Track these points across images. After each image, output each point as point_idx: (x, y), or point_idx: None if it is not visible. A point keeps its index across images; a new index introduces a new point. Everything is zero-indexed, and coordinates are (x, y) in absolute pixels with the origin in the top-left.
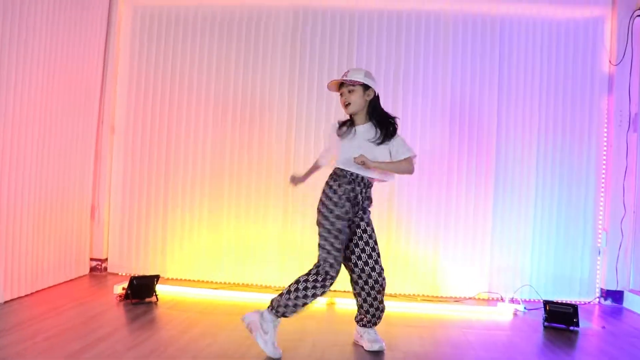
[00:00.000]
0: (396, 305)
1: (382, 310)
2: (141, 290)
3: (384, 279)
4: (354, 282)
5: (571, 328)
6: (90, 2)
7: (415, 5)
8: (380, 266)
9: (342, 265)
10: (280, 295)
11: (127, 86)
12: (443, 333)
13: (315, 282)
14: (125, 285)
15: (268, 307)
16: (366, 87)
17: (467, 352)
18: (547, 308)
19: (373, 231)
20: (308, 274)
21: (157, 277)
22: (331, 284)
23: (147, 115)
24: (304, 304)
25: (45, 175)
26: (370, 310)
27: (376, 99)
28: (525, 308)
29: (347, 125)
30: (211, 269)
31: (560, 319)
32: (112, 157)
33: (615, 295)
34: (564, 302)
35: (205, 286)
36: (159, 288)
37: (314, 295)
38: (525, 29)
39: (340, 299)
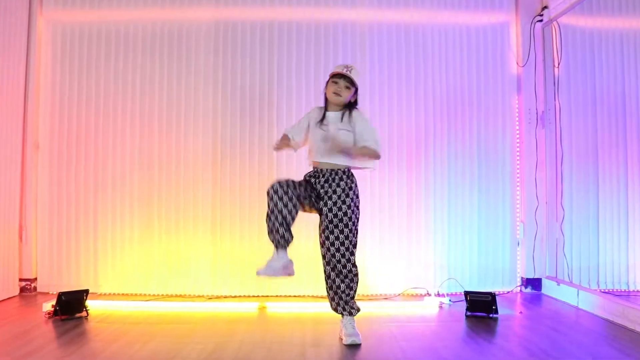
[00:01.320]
0: (323, 305)
1: (347, 297)
2: (70, 306)
3: (343, 264)
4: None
5: (491, 315)
6: (8, 19)
7: (332, 16)
8: (342, 251)
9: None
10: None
11: (50, 102)
12: (368, 328)
13: None
14: (54, 302)
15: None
16: (356, 90)
17: (391, 343)
18: (468, 298)
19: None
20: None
21: (86, 291)
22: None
23: (72, 130)
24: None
25: None
26: (330, 293)
27: (355, 101)
28: (450, 300)
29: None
30: (143, 282)
31: (480, 307)
32: (37, 175)
33: (535, 283)
34: (484, 291)
35: (137, 299)
36: (90, 303)
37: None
38: (437, 35)
39: (271, 303)
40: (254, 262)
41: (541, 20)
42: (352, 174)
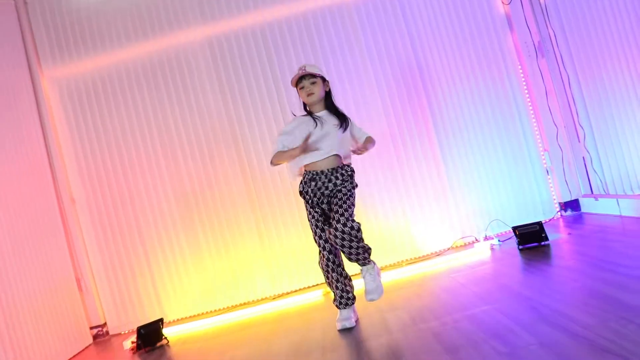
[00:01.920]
0: (386, 275)
1: (361, 250)
2: (150, 337)
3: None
4: None
5: (542, 243)
6: (14, 85)
7: (319, 4)
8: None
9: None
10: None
11: (74, 155)
12: (435, 284)
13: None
14: (134, 338)
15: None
16: (323, 79)
17: (460, 291)
18: (517, 233)
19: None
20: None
21: (161, 320)
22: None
23: (101, 177)
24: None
25: (19, 263)
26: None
27: (330, 90)
28: (499, 240)
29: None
30: (207, 300)
31: (530, 238)
32: (80, 225)
33: (573, 205)
34: (530, 223)
35: (205, 316)
36: (166, 331)
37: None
38: None
39: None
40: (304, 254)
41: None
42: (350, 168)
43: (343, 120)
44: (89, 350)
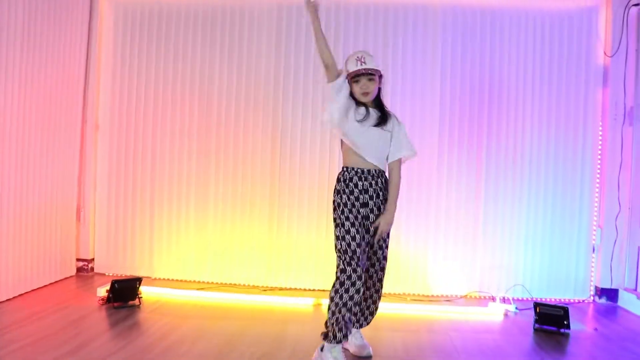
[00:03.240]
0: (384, 306)
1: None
2: (123, 293)
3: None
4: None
5: (562, 331)
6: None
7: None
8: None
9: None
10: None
11: (111, 83)
12: (429, 338)
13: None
14: (109, 287)
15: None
16: (380, 76)
17: (450, 357)
18: (538, 310)
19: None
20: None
21: (139, 279)
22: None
23: (131, 112)
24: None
25: (27, 175)
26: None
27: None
28: (516, 308)
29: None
30: (198, 269)
31: (551, 321)
32: (96, 156)
33: (610, 294)
34: (556, 302)
35: (190, 287)
36: (144, 289)
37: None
38: (516, 21)
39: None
40: (311, 254)
41: (638, 4)
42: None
43: (382, 117)
44: (68, 282)
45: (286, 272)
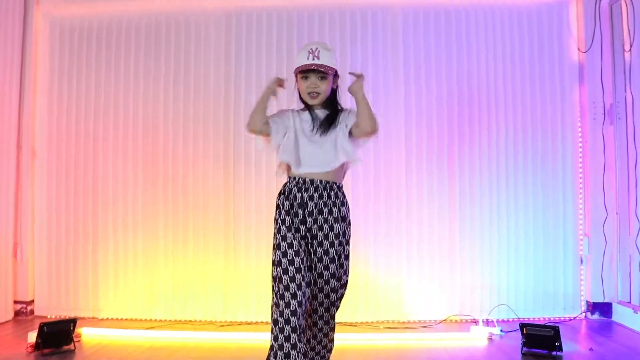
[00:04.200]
0: (355, 337)
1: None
2: (56, 337)
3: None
4: None
5: (553, 353)
6: (3, 12)
7: (360, 1)
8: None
9: None
10: None
11: (47, 104)
12: None
13: None
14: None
15: None
16: (335, 74)
17: None
18: (525, 331)
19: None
20: None
21: (73, 321)
22: None
23: (71, 138)
24: None
25: None
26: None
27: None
28: (501, 331)
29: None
30: (148, 306)
31: (540, 343)
32: (33, 185)
33: (603, 308)
34: (544, 322)
35: (140, 326)
36: (86, 331)
37: None
38: (482, 19)
39: None
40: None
41: None
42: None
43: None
44: (2, 327)
45: (245, 305)
